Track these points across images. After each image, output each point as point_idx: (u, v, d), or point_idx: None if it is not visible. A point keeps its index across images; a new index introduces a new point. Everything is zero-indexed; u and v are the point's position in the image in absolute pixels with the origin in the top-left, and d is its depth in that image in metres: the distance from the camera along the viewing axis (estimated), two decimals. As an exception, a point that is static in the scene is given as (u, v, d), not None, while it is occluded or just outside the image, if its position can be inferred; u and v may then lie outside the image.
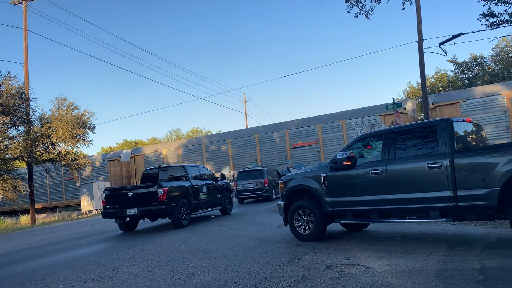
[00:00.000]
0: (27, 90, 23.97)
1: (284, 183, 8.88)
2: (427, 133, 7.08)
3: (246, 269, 6.32)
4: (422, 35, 18.64)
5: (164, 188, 11.71)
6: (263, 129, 32.09)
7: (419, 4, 18.49)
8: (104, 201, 12.44)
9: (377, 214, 7.45)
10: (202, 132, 71.84)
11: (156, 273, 6.57)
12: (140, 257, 8.07)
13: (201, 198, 13.72)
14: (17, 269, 8.06)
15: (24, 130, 23.91)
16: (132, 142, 71.00)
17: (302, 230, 8.34)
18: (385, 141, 7.44)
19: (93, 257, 8.52)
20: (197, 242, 9.39)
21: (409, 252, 6.66)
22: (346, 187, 7.69)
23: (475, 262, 5.69)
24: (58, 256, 9.21)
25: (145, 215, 12.15)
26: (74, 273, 7.11)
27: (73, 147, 25.27)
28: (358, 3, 11.78)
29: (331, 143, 28.07)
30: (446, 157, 6.54)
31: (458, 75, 44.51)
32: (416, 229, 8.99)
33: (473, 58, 43.01)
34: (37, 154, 23.93)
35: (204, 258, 7.44)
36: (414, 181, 6.86)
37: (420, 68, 19.02)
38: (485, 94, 23.23)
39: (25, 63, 24.99)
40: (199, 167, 15.57)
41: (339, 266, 6.10)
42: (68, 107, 24.56)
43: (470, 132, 7.46)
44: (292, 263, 6.49)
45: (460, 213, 6.64)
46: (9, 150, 21.61)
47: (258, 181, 20.90)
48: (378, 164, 7.31)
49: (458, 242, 7.18)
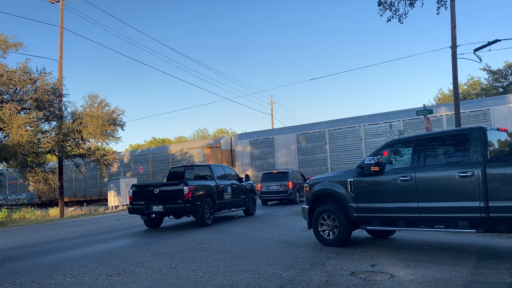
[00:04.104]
0: (60, 86, 24.66)
1: (309, 186, 8.82)
2: (458, 141, 6.90)
3: (269, 271, 6.31)
4: (456, 40, 18.19)
5: (189, 186, 11.84)
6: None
7: (454, 9, 18.06)
8: (131, 197, 12.66)
9: (404, 221, 7.30)
10: (228, 132, 72.25)
11: (179, 270, 6.63)
12: (164, 253, 8.17)
13: (225, 198, 13.79)
14: (46, 259, 8.30)
15: (56, 125, 24.60)
16: (160, 140, 72.05)
17: (326, 235, 8.25)
18: (414, 147, 7.29)
19: (118, 252, 8.68)
20: (220, 241, 9.43)
21: (436, 262, 6.50)
22: (373, 193, 7.57)
23: (506, 275, 5.51)
24: (85, 249, 9.43)
25: (170, 212, 12.31)
26: (100, 266, 7.25)
27: (102, 143, 25.84)
28: (391, 7, 11.57)
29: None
30: (478, 166, 6.35)
31: (492, 83, 43.28)
32: (444, 239, 8.77)
33: (508, 66, 41.74)
34: (68, 148, 24.56)
35: (227, 258, 7.46)
36: (444, 189, 6.69)
37: (453, 74, 18.55)
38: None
39: (59, 59, 25.74)
40: (224, 167, 15.66)
41: (364, 273, 6.01)
42: (100, 104, 25.13)
43: (504, 141, 7.23)
44: (315, 267, 6.44)
45: (491, 224, 6.43)
46: (41, 144, 22.25)
47: (282, 184, 20.84)
48: (407, 171, 7.17)
49: (487, 254, 6.96)
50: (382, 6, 11.70)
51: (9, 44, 22.26)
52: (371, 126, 27.13)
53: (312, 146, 29.35)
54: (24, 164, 21.94)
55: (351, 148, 27.80)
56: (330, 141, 28.68)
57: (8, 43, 22.23)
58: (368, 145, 26.85)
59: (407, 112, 26.17)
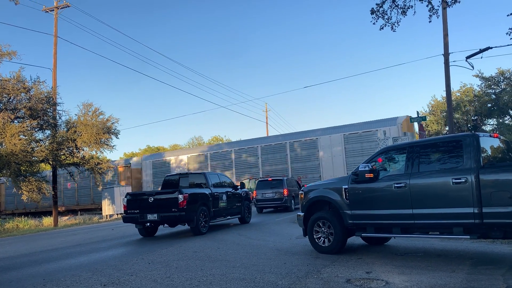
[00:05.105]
0: (54, 95, 24.59)
1: (304, 193, 8.82)
2: (452, 148, 6.95)
3: (264, 279, 6.29)
4: (448, 48, 18.40)
5: (184, 194, 11.80)
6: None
7: (446, 17, 18.29)
8: (126, 206, 12.59)
9: (398, 228, 7.32)
10: (223, 140, 72.18)
11: (175, 279, 6.60)
12: (159, 262, 8.13)
13: (220, 206, 13.75)
14: (39, 269, 8.22)
15: (50, 133, 24.49)
16: (154, 148, 71.81)
17: (322, 242, 8.25)
18: (408, 154, 7.33)
19: (113, 261, 8.62)
20: (215, 250, 9.40)
21: (431, 268, 6.52)
22: (368, 200, 7.59)
23: (501, 281, 5.52)
24: (79, 258, 9.36)
25: (165, 221, 12.25)
26: (94, 276, 7.20)
27: (96, 152, 25.74)
28: (384, 15, 11.66)
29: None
30: (472, 173, 6.40)
31: (484, 90, 43.60)
32: (439, 245, 8.80)
33: (500, 73, 42.10)
34: (62, 157, 24.44)
35: (222, 266, 7.43)
36: (438, 196, 6.72)
37: (445, 82, 18.75)
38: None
39: (53, 68, 25.68)
40: (220, 174, 15.64)
41: (359, 280, 6.01)
42: (94, 112, 25.06)
43: (497, 147, 7.29)
44: (310, 275, 6.43)
45: (485, 230, 6.46)
46: (35, 152, 22.13)
47: (277, 191, 20.83)
48: (401, 178, 7.20)
49: (482, 261, 6.99)
50: (375, 14, 11.77)
51: (3, 53, 22.19)
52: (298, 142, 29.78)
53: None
54: (17, 173, 21.79)
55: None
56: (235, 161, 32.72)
57: (1, 52, 22.15)
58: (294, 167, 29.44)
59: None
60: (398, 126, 25.73)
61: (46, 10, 26.78)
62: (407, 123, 26.13)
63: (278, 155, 30.76)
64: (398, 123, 25.93)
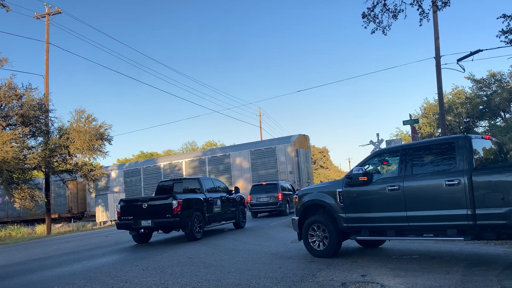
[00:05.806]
0: (47, 102, 24.44)
1: (298, 197, 8.82)
2: (444, 150, 6.99)
3: (260, 284, 6.27)
4: (439, 51, 18.54)
5: (178, 200, 11.75)
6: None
7: (437, 21, 18.43)
8: (119, 212, 12.51)
9: (393, 231, 7.33)
10: (217, 144, 72.06)
11: (169, 285, 6.55)
12: (153, 269, 8.07)
13: (215, 211, 13.71)
14: (32, 278, 8.13)
15: (42, 140, 24.33)
16: (148, 154, 71.53)
17: (317, 246, 8.24)
18: (402, 157, 7.36)
19: (107, 268, 8.55)
20: (210, 255, 9.36)
21: (426, 270, 6.53)
22: (362, 203, 7.60)
23: (495, 282, 5.55)
24: (73, 266, 9.28)
25: (159, 227, 12.18)
26: (89, 283, 7.14)
27: (90, 158, 25.59)
28: (375, 19, 11.75)
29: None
30: (464, 175, 6.43)
31: (476, 92, 43.95)
32: (433, 247, 8.82)
33: (491, 75, 42.48)
34: (55, 164, 24.27)
35: (217, 272, 7.40)
36: (431, 198, 6.75)
37: (437, 84, 18.87)
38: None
39: (45, 75, 25.55)
40: (214, 179, 15.60)
41: (354, 283, 6.01)
42: (87, 118, 24.94)
43: (489, 149, 7.34)
44: (306, 279, 6.42)
45: (478, 232, 6.49)
46: (27, 160, 21.97)
47: (272, 195, 20.83)
48: (395, 181, 7.23)
49: (476, 262, 7.02)
50: (366, 18, 11.87)
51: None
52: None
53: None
54: (9, 181, 21.60)
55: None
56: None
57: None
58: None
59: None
60: (291, 144, 30.01)
61: (37, 16, 26.66)
62: (299, 140, 30.80)
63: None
64: (291, 141, 30.15)
